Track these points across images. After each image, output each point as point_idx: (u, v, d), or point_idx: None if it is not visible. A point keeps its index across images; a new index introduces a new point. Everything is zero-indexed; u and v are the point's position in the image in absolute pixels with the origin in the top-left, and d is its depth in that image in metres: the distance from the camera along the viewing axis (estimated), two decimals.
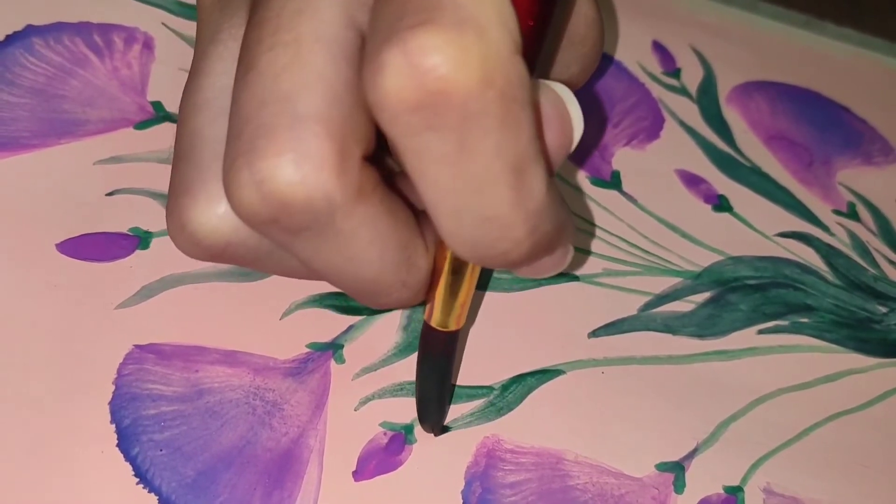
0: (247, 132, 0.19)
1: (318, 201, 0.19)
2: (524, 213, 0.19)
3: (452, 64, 0.17)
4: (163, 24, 0.32)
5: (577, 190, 0.32)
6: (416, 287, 0.23)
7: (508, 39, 0.17)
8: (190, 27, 0.32)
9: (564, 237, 0.22)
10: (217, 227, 0.22)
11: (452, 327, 0.24)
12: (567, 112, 0.22)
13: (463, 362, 0.28)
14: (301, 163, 0.19)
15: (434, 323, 0.24)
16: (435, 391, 0.26)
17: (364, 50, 0.18)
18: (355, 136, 0.20)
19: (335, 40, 0.19)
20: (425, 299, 0.24)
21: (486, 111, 0.17)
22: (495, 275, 0.29)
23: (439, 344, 0.25)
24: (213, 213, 0.22)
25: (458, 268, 0.23)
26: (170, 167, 0.28)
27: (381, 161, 0.24)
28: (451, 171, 0.18)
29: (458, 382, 0.27)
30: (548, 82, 0.22)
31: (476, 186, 0.18)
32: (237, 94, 0.20)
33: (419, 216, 0.23)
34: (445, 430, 0.26)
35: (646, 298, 0.30)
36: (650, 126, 0.35)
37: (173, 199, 0.22)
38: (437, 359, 0.25)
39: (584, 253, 0.31)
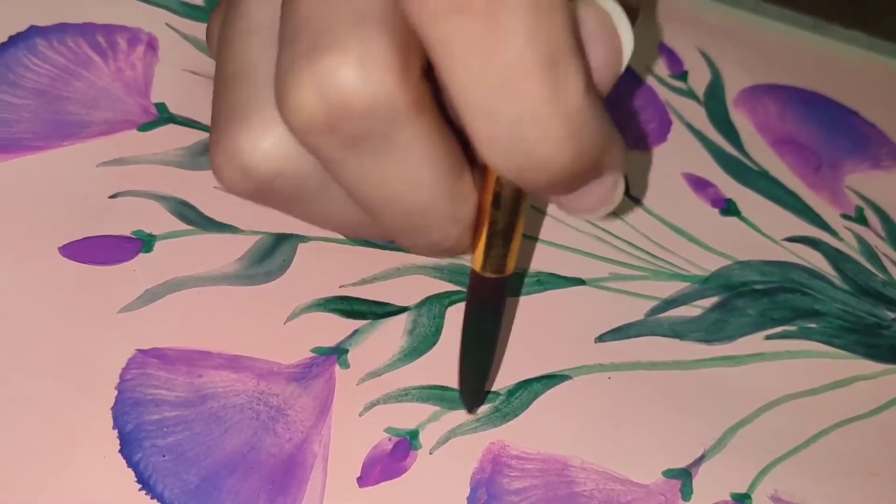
0: (307, 33, 0.18)
1: (381, 105, 0.18)
2: (561, 110, 0.18)
3: None
4: (167, 24, 0.32)
5: None
6: (465, 222, 0.22)
7: None
8: (194, 28, 0.32)
9: (613, 156, 0.21)
10: (269, 154, 0.20)
11: (502, 273, 0.23)
12: (615, 28, 0.20)
13: None
14: (367, 64, 0.18)
15: (481, 269, 0.23)
16: (483, 352, 0.25)
17: None
18: (416, 45, 0.19)
19: None
20: (471, 248, 0.23)
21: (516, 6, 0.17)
22: None
23: (489, 293, 0.24)
24: (267, 140, 0.20)
25: (503, 202, 0.22)
26: (173, 169, 0.28)
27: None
28: (480, 61, 0.17)
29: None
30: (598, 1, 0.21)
31: (507, 78, 0.17)
32: (292, 3, 0.19)
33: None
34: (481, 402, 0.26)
35: (653, 303, 0.30)
36: (657, 129, 0.34)
37: (222, 126, 0.21)
38: (487, 311, 0.24)
39: (590, 257, 0.30)
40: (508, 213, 0.22)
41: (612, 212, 0.31)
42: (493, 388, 0.27)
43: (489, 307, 0.24)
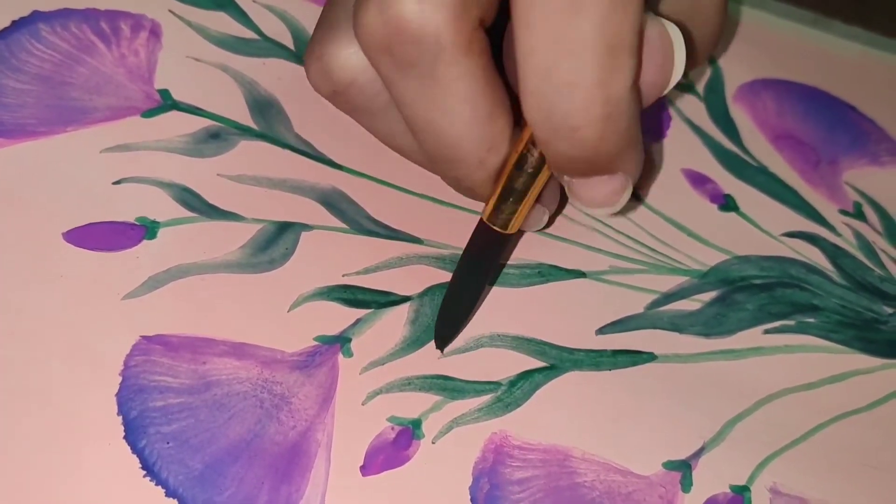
0: None
1: (428, 36, 0.21)
2: (605, 94, 0.21)
3: None
4: (170, 11, 0.31)
5: None
6: (489, 170, 0.24)
7: None
8: (197, 14, 0.32)
9: (630, 160, 0.23)
10: (347, 63, 0.24)
11: (507, 230, 0.25)
12: (672, 52, 0.23)
13: (471, 357, 0.27)
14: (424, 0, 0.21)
15: (488, 218, 0.25)
16: (466, 297, 0.27)
17: None
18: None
19: None
20: (486, 196, 0.25)
21: None
22: (504, 271, 0.29)
23: (487, 244, 0.26)
24: (346, 50, 0.24)
25: (527, 164, 0.24)
26: (177, 156, 0.29)
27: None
28: (556, 25, 0.20)
29: (466, 378, 0.27)
30: (663, 20, 0.23)
31: (572, 47, 0.20)
32: None
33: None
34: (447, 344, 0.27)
35: (652, 297, 0.30)
36: (657, 124, 0.34)
37: (318, 34, 0.25)
38: (483, 260, 0.26)
39: (590, 250, 0.31)
40: (528, 175, 0.24)
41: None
42: (496, 378, 0.27)
43: (484, 257, 0.26)
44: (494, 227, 0.26)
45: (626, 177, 0.24)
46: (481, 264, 0.27)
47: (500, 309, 0.28)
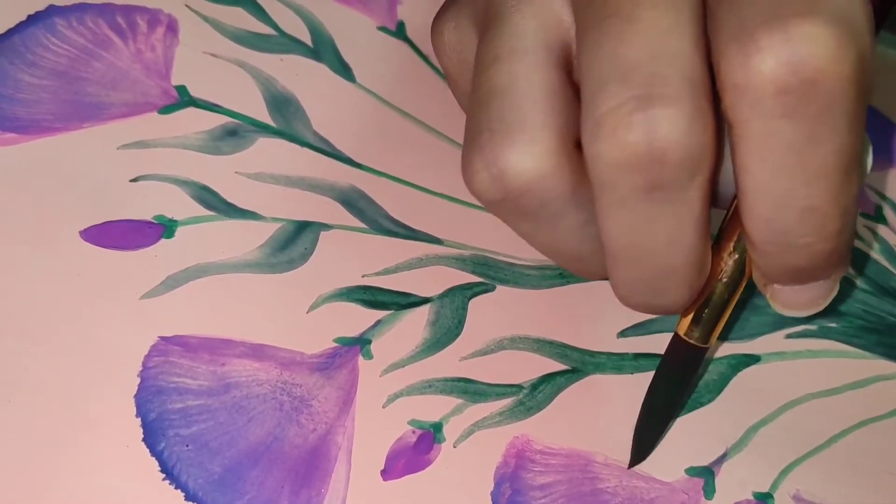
0: (638, 77, 0.20)
1: (692, 160, 0.20)
2: (841, 210, 0.21)
3: (831, 57, 0.18)
4: (186, 6, 0.31)
5: None
6: (696, 289, 0.23)
7: (871, 42, 0.19)
8: (214, 10, 0.31)
9: (845, 259, 0.23)
10: (526, 170, 0.22)
11: (705, 343, 0.25)
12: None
13: (492, 360, 0.27)
14: (694, 119, 0.20)
15: (685, 334, 0.25)
16: (664, 412, 0.26)
17: (721, 32, 0.19)
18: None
19: (699, 11, 0.20)
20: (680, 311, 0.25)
21: (845, 108, 0.19)
22: (525, 272, 0.29)
23: (686, 358, 0.25)
24: (527, 156, 0.22)
25: (730, 276, 0.24)
26: (194, 153, 0.28)
27: None
28: (794, 160, 0.19)
29: (488, 381, 0.27)
30: None
31: (811, 177, 0.20)
32: (613, 44, 0.20)
33: None
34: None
35: None
36: None
37: (486, 135, 0.23)
38: (679, 375, 0.26)
39: None
40: (724, 285, 0.24)
41: None
42: (517, 382, 0.27)
43: (682, 372, 0.26)
44: (691, 342, 0.25)
45: (837, 276, 0.24)
46: (680, 378, 0.26)
47: (521, 311, 0.28)
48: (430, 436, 0.25)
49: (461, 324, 0.28)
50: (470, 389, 0.26)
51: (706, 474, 0.27)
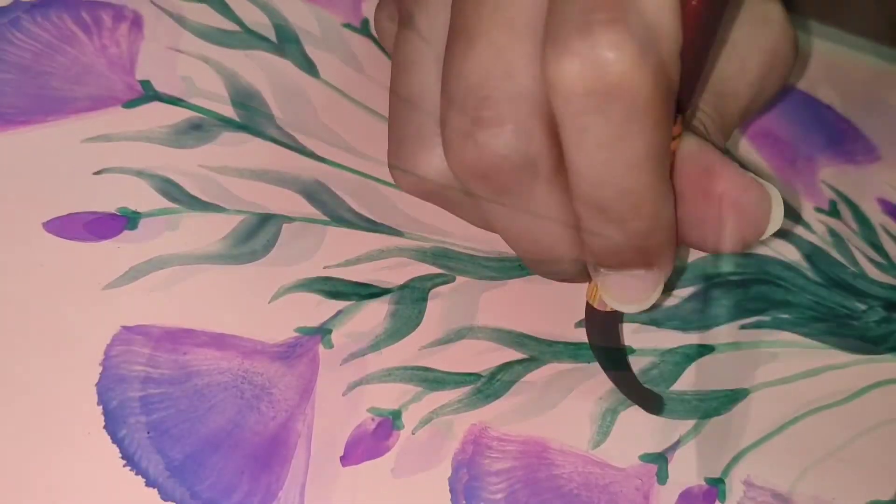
0: (471, 101, 0.23)
1: (525, 167, 0.23)
2: (656, 193, 0.22)
3: (632, 63, 0.20)
4: (151, 1, 0.31)
5: None
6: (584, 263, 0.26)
7: (676, 50, 0.21)
8: (179, 6, 0.32)
9: (664, 254, 0.25)
10: (440, 167, 0.25)
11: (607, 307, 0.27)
12: (769, 212, 0.25)
13: (451, 349, 0.28)
14: (517, 134, 0.22)
15: (593, 301, 0.27)
16: (621, 367, 0.28)
17: (546, 37, 0.21)
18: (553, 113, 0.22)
19: (536, 25, 0.22)
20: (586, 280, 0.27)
21: (647, 110, 0.20)
22: (485, 263, 0.29)
23: (602, 322, 0.27)
24: (436, 163, 0.25)
25: None
26: (159, 146, 0.28)
27: None
28: (606, 153, 0.21)
29: (447, 369, 0.27)
30: (761, 181, 0.25)
31: (622, 169, 0.21)
32: (459, 63, 0.23)
33: None
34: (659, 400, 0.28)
35: None
36: None
37: (407, 145, 0.26)
38: (607, 337, 0.28)
39: None
40: None
41: None
42: (476, 370, 0.27)
43: (607, 333, 0.28)
44: (602, 309, 0.27)
45: (659, 274, 0.25)
46: (609, 339, 0.28)
47: (480, 301, 0.29)
48: (388, 423, 0.26)
49: (421, 314, 0.28)
50: (429, 378, 0.27)
51: (660, 460, 0.27)
